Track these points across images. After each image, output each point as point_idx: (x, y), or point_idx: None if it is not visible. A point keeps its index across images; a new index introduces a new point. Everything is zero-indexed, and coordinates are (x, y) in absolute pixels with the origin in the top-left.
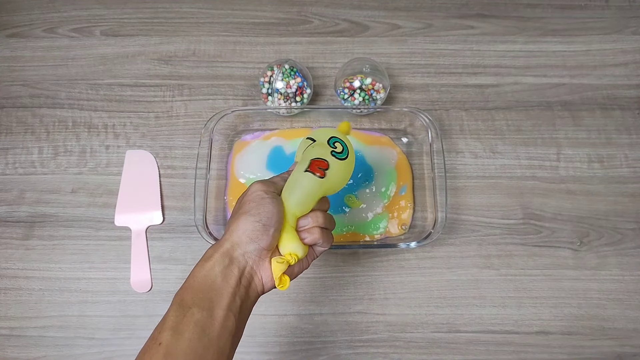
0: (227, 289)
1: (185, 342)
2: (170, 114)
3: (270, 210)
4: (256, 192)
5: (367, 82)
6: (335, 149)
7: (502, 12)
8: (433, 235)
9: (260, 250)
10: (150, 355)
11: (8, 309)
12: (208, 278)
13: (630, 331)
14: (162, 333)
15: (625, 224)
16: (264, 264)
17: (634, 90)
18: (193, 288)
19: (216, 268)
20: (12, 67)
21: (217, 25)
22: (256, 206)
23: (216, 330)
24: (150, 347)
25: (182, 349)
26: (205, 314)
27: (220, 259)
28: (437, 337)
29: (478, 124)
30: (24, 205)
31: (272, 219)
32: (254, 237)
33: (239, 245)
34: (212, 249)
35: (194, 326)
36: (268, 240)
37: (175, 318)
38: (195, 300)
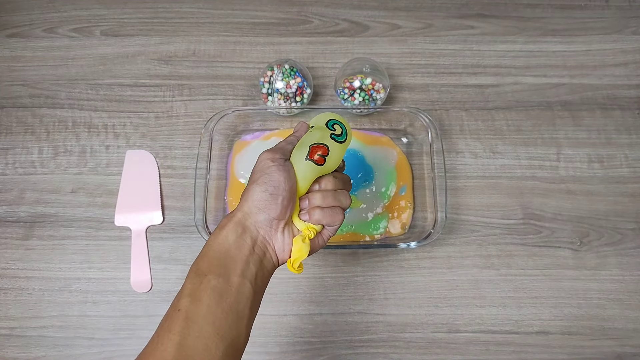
0: (240, 256)
1: (204, 307)
2: (170, 114)
3: (277, 179)
4: (263, 161)
5: (367, 82)
6: (334, 132)
7: (502, 12)
8: (433, 235)
9: (270, 220)
10: (170, 321)
11: (8, 309)
12: (222, 246)
13: (630, 331)
14: (181, 300)
15: (625, 224)
16: (275, 234)
17: (634, 90)
18: (208, 256)
19: (230, 236)
20: (12, 67)
21: (217, 25)
22: (262, 175)
23: (233, 295)
24: (170, 314)
25: (202, 314)
26: (221, 280)
27: (234, 228)
28: (437, 337)
29: (478, 124)
30: (24, 205)
31: (280, 188)
32: (262, 207)
33: (249, 215)
34: (226, 218)
35: (211, 292)
36: (277, 210)
37: (192, 285)
38: (210, 267)
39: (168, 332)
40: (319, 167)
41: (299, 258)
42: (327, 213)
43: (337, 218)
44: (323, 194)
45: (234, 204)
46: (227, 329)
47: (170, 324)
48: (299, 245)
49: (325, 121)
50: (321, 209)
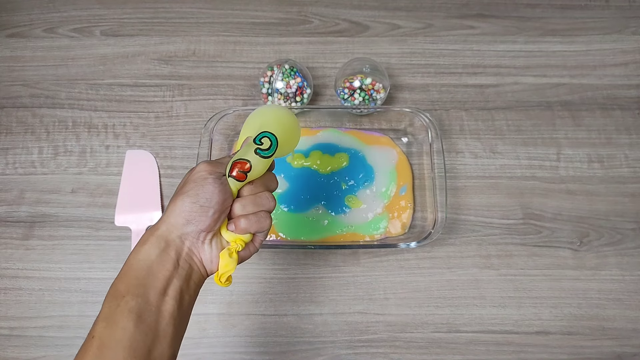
0: (163, 272)
1: (119, 331)
2: (170, 114)
3: (211, 191)
4: (199, 173)
5: (367, 82)
6: (260, 146)
7: (502, 12)
8: (433, 235)
9: (198, 233)
10: (84, 349)
11: (8, 309)
12: (144, 263)
13: (630, 331)
14: (95, 326)
15: (625, 224)
16: (203, 246)
17: (634, 90)
18: (127, 276)
19: (152, 252)
20: (12, 67)
21: (217, 25)
22: (195, 186)
23: (153, 315)
24: (85, 342)
25: (117, 339)
26: (140, 300)
27: (156, 242)
28: (437, 337)
29: (478, 124)
30: (24, 205)
31: (212, 200)
32: (190, 219)
33: (175, 227)
34: (147, 232)
35: (129, 313)
36: (206, 222)
37: (109, 309)
38: (129, 287)
39: None
40: (241, 183)
41: (226, 272)
42: (252, 220)
43: (264, 223)
44: (241, 202)
45: None
46: (145, 351)
47: (84, 352)
48: (225, 259)
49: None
50: (245, 217)
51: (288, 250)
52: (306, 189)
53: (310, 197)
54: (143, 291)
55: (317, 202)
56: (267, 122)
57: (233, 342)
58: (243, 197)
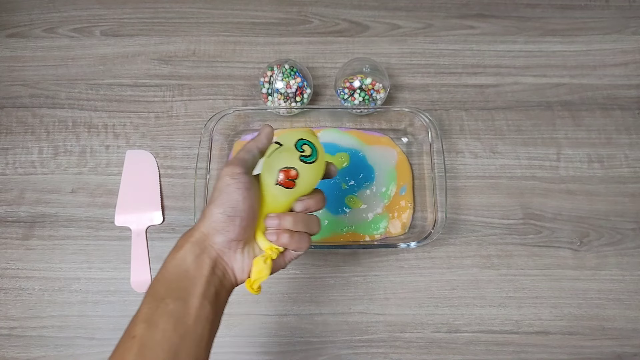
0: (200, 277)
1: (159, 333)
2: (170, 114)
3: (235, 199)
4: (223, 178)
5: (367, 82)
6: (303, 153)
7: (502, 12)
8: (433, 235)
9: (229, 242)
10: (124, 348)
11: (8, 309)
12: (180, 268)
13: (630, 331)
14: (136, 326)
15: (625, 224)
16: (234, 255)
17: (634, 90)
18: (165, 278)
19: (188, 257)
20: (12, 67)
21: (217, 25)
22: (220, 195)
23: (192, 319)
24: (125, 341)
25: (157, 340)
26: (179, 303)
27: (192, 248)
28: (437, 337)
29: (478, 124)
30: (24, 205)
31: (237, 208)
32: (219, 229)
33: (207, 235)
34: (183, 238)
35: (168, 317)
36: (235, 231)
37: (149, 310)
38: (168, 290)
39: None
40: (290, 191)
41: (259, 279)
42: (295, 239)
43: (304, 245)
44: (295, 219)
45: None
46: (184, 354)
47: (123, 351)
48: (259, 266)
49: (294, 141)
50: (290, 233)
51: None
52: None
53: None
54: (181, 295)
55: None
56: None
57: (233, 342)
58: (298, 214)
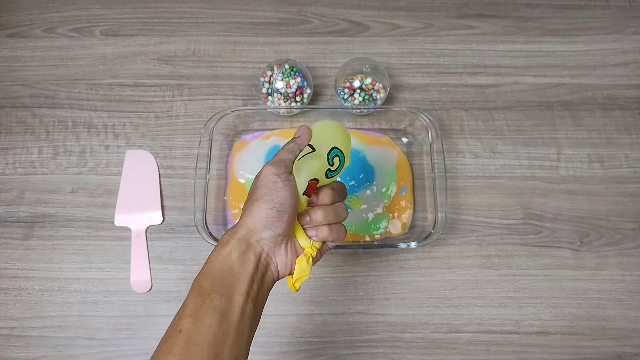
0: (244, 275)
1: (205, 328)
2: (170, 114)
3: (284, 195)
4: (268, 176)
5: (367, 82)
6: (331, 167)
7: (502, 12)
8: (433, 235)
9: (275, 237)
10: (171, 342)
11: (8, 309)
12: (225, 264)
13: (630, 331)
14: (182, 320)
15: (625, 224)
16: (279, 250)
17: (634, 90)
18: (211, 274)
19: (233, 254)
20: (12, 67)
21: (217, 25)
22: (269, 192)
23: (236, 315)
24: (171, 335)
25: (203, 335)
26: (224, 300)
27: (237, 245)
28: (437, 337)
29: (478, 124)
30: (24, 205)
31: (286, 204)
32: (268, 224)
33: (254, 232)
34: (228, 234)
35: (214, 312)
36: (283, 226)
37: (195, 305)
38: (213, 286)
39: (168, 354)
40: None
41: (301, 278)
42: (333, 230)
43: (341, 235)
44: (324, 211)
45: (234, 203)
46: (227, 350)
47: (171, 345)
48: (302, 265)
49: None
50: (328, 226)
51: None
52: None
53: None
54: (226, 291)
55: None
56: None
57: None
58: (326, 207)
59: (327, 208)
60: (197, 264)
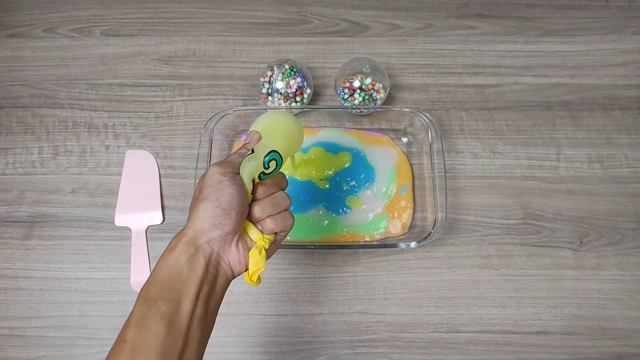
0: (193, 278)
1: (151, 335)
2: (170, 114)
3: (230, 194)
4: (213, 176)
5: (367, 82)
6: (265, 170)
7: (502, 12)
8: (433, 235)
9: (224, 236)
10: (116, 353)
11: (8, 309)
12: (173, 269)
13: (630, 331)
14: (127, 330)
15: (625, 224)
16: (230, 248)
17: (634, 90)
18: (158, 281)
19: (181, 258)
20: (12, 67)
21: (217, 25)
22: (214, 190)
23: (184, 320)
24: (116, 346)
25: (149, 343)
26: (171, 305)
27: (185, 248)
28: (437, 337)
29: (478, 124)
30: (24, 205)
31: (233, 202)
32: (216, 223)
33: (202, 232)
34: (175, 238)
35: (160, 319)
36: (231, 225)
37: (140, 313)
38: (160, 293)
39: None
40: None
41: (257, 271)
42: (277, 220)
43: (287, 222)
44: (260, 205)
45: None
46: (176, 356)
47: (115, 356)
48: (256, 258)
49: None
50: (272, 217)
51: (288, 250)
52: (307, 190)
53: (310, 198)
54: (174, 296)
55: (317, 202)
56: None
57: (233, 342)
58: (261, 200)
59: (263, 201)
60: None
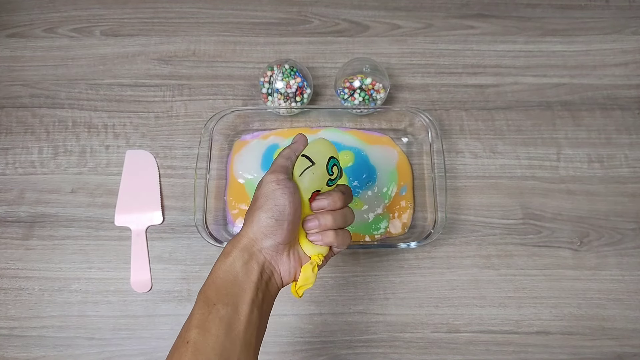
0: (249, 283)
1: (212, 338)
2: (170, 114)
3: (282, 204)
4: (267, 184)
5: (367, 82)
6: (331, 177)
7: (502, 12)
8: (433, 235)
9: (276, 246)
10: (179, 354)
11: (8, 309)
12: (230, 274)
13: (630, 331)
14: (189, 331)
15: (625, 224)
16: (281, 258)
17: (634, 90)
18: (216, 284)
19: (236, 263)
20: (12, 67)
21: (217, 25)
22: (267, 200)
23: (242, 325)
24: (179, 346)
25: (210, 346)
26: (229, 309)
27: (240, 255)
28: (437, 337)
29: (478, 124)
30: (24, 205)
31: (285, 212)
32: (268, 233)
33: (255, 241)
34: (230, 244)
35: (220, 322)
36: (283, 235)
37: (201, 315)
38: (219, 296)
39: None
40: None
41: (305, 286)
42: (339, 235)
43: (347, 240)
44: (334, 215)
45: (234, 204)
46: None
47: (179, 357)
48: (307, 273)
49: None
50: (334, 231)
51: None
52: None
53: None
54: (232, 300)
55: None
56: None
57: None
58: (335, 211)
59: (336, 213)
60: (197, 263)
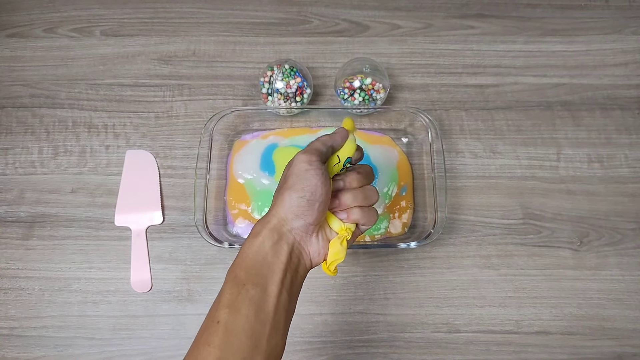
0: (278, 264)
1: (242, 318)
2: (170, 114)
3: (315, 184)
4: (299, 164)
5: (367, 82)
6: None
7: (502, 12)
8: (433, 235)
9: (307, 226)
10: (209, 333)
11: (8, 309)
12: (259, 254)
13: (630, 331)
14: (219, 311)
15: (625, 224)
16: (310, 239)
17: (634, 90)
18: (245, 264)
19: (266, 244)
20: (12, 67)
21: (217, 25)
22: (299, 180)
23: (271, 305)
24: (209, 326)
25: (240, 326)
26: (259, 290)
27: (269, 235)
28: (437, 337)
29: (478, 124)
30: (24, 205)
31: (317, 193)
32: (299, 213)
33: (285, 221)
34: (259, 224)
35: (250, 303)
36: (314, 215)
37: (231, 295)
38: (248, 276)
39: (207, 346)
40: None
41: (336, 261)
42: (365, 212)
43: (373, 217)
44: (353, 193)
45: (234, 203)
46: (265, 340)
47: (209, 336)
48: (336, 247)
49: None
50: (360, 208)
51: None
52: None
53: None
54: (261, 281)
55: None
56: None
57: None
58: (354, 189)
59: (356, 191)
60: (197, 263)
